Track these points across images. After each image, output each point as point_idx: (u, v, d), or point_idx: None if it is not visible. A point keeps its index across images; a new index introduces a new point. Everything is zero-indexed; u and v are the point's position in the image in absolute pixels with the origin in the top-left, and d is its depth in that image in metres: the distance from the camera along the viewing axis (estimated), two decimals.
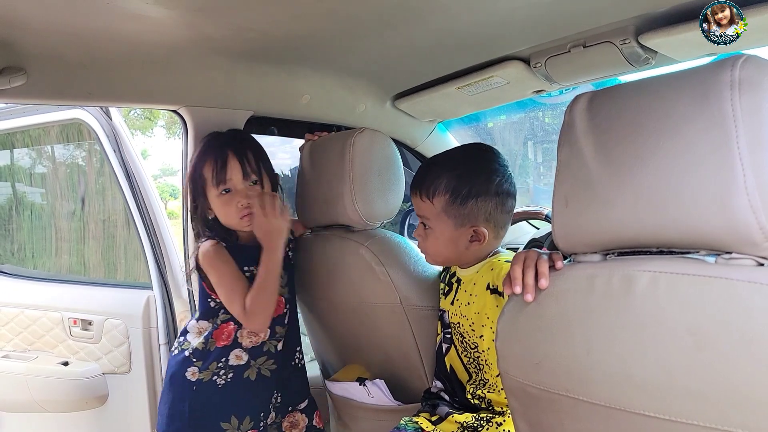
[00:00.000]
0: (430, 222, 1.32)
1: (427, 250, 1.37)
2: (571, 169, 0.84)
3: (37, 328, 2.09)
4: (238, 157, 1.46)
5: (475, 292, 1.31)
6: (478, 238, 1.29)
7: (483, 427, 1.26)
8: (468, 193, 1.27)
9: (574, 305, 0.81)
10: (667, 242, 0.76)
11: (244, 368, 1.51)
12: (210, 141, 1.53)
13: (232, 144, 1.49)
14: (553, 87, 1.71)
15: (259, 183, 1.49)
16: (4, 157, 2.65)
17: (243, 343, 1.51)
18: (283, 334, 1.56)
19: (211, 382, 1.49)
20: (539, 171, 3.18)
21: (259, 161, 1.49)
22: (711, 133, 0.70)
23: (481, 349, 1.31)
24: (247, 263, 1.49)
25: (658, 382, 0.71)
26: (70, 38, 1.32)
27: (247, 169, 1.46)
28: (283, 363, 1.57)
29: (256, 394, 1.53)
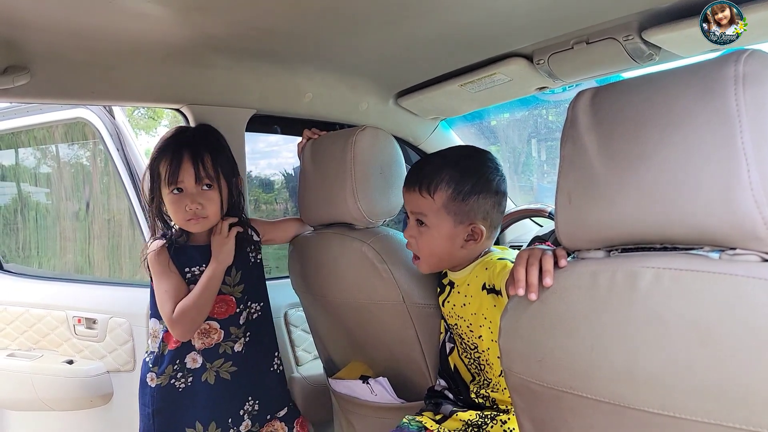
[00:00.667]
0: (428, 219, 1.29)
1: (421, 250, 1.33)
2: (574, 166, 0.84)
3: (42, 327, 2.10)
4: (193, 160, 1.41)
5: (470, 293, 1.30)
6: (475, 237, 1.28)
7: (487, 425, 1.26)
8: (470, 190, 1.27)
9: (578, 302, 0.81)
10: (671, 238, 0.76)
11: (201, 371, 1.49)
12: (171, 137, 1.49)
13: (191, 145, 1.44)
14: (556, 84, 1.71)
15: (215, 188, 1.45)
16: (9, 157, 2.66)
17: (195, 345, 1.49)
18: (240, 336, 1.53)
19: (170, 387, 1.48)
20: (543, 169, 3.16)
21: (217, 165, 1.45)
22: (715, 129, 0.69)
23: (480, 350, 1.30)
24: (190, 264, 1.48)
25: (662, 379, 0.71)
26: (73, 37, 1.33)
27: (200, 173, 1.42)
28: (252, 367, 1.54)
29: (220, 399, 1.50)
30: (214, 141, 1.51)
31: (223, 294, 1.50)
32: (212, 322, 1.50)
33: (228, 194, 1.49)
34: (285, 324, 2.04)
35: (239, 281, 1.53)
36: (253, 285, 1.57)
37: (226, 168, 1.48)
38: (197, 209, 1.42)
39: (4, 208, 2.70)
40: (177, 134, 1.49)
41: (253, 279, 1.58)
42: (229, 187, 1.49)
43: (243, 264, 1.54)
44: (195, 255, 1.49)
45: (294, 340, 2.06)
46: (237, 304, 1.52)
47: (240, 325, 1.53)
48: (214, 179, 1.44)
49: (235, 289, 1.53)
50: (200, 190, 1.43)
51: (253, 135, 2.39)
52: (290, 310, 2.05)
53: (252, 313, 1.56)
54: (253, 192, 3.93)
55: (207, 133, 1.52)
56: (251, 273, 1.57)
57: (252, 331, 1.55)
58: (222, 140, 1.55)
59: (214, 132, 1.55)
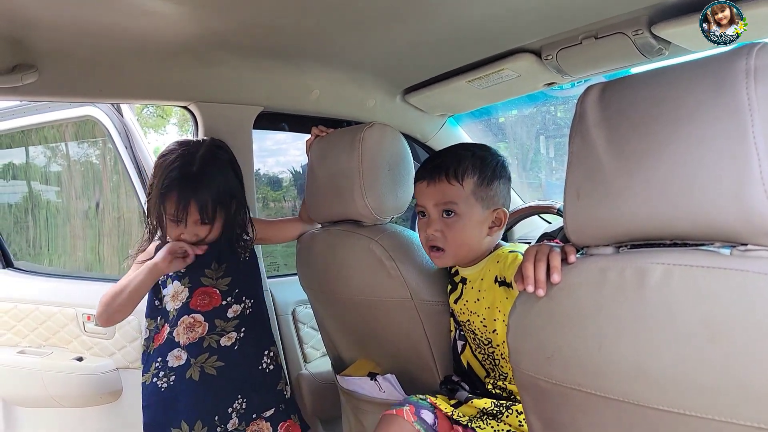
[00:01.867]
0: (458, 207, 1.29)
1: (450, 242, 1.30)
2: (582, 161, 0.83)
3: (51, 324, 2.11)
4: (199, 207, 1.43)
5: (483, 287, 1.31)
6: (499, 224, 1.31)
7: (503, 414, 1.25)
8: (492, 175, 1.30)
9: (587, 299, 0.80)
10: (681, 234, 0.75)
11: (185, 368, 1.48)
12: (178, 168, 1.44)
13: (197, 190, 1.43)
14: (564, 79, 1.70)
15: (210, 224, 1.47)
16: (20, 156, 2.68)
17: (180, 340, 1.48)
18: (230, 329, 1.52)
19: (153, 386, 1.48)
20: (551, 166, 3.15)
21: (219, 205, 1.47)
22: (726, 123, 0.68)
23: (495, 344, 1.30)
24: None
25: (672, 376, 0.70)
26: (81, 35, 1.33)
27: (204, 217, 1.45)
28: (241, 364, 1.53)
29: (205, 396, 1.48)
30: (217, 173, 1.49)
31: (205, 286, 1.51)
32: (196, 315, 1.50)
33: (226, 220, 1.51)
34: (293, 321, 2.04)
35: (224, 274, 1.53)
36: (243, 280, 1.57)
37: (227, 199, 1.50)
38: (194, 239, 1.47)
39: (15, 207, 2.72)
40: (184, 165, 1.44)
41: (244, 274, 1.57)
42: (230, 211, 1.52)
43: (229, 258, 1.54)
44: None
45: (302, 337, 2.06)
46: (222, 297, 1.52)
47: (228, 319, 1.52)
48: (213, 219, 1.47)
49: (219, 282, 1.52)
50: (199, 225, 1.47)
51: (261, 132, 2.39)
52: (298, 307, 2.06)
53: (246, 309, 1.56)
54: (261, 190, 3.94)
55: (213, 162, 1.49)
56: (241, 269, 1.57)
57: (246, 326, 1.55)
58: (226, 158, 1.53)
59: (220, 155, 1.52)
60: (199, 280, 1.51)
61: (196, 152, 1.47)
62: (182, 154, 1.46)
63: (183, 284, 1.51)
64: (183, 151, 1.47)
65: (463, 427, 1.27)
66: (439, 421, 1.28)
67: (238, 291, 1.55)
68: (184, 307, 1.50)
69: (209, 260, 1.51)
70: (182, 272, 1.51)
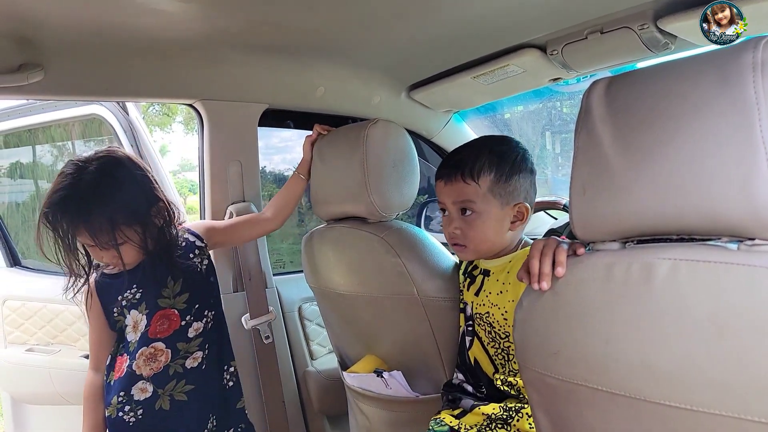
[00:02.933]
0: (476, 205, 1.29)
1: (470, 239, 1.31)
2: (588, 156, 0.83)
3: (59, 322, 2.12)
4: (90, 233, 1.29)
5: (509, 280, 1.29)
6: (520, 217, 1.30)
7: (513, 419, 1.24)
8: (511, 171, 1.29)
9: (593, 294, 0.80)
10: (688, 229, 0.75)
11: (152, 400, 1.40)
12: (61, 202, 1.28)
13: (82, 215, 1.28)
14: (570, 75, 1.69)
15: (115, 248, 1.31)
16: (27, 155, 2.69)
17: (143, 373, 1.39)
18: (194, 349, 1.44)
19: (120, 420, 1.39)
20: (557, 162, 3.14)
21: (116, 225, 1.29)
22: (732, 117, 0.68)
23: (512, 339, 1.29)
24: (122, 291, 1.41)
25: (679, 372, 0.70)
26: (87, 34, 1.33)
27: (101, 241, 1.30)
28: (206, 383, 1.46)
29: (178, 423, 1.42)
30: (110, 192, 1.31)
31: (163, 308, 1.41)
32: (157, 344, 1.41)
33: (141, 239, 1.35)
34: (299, 318, 2.05)
35: (180, 290, 1.43)
36: (201, 293, 1.47)
37: (131, 219, 1.33)
38: (115, 260, 1.35)
39: (23, 206, 2.73)
40: (67, 195, 1.29)
41: (201, 287, 1.48)
42: (144, 229, 1.35)
43: (184, 272, 1.44)
44: (125, 280, 1.41)
45: (308, 334, 2.07)
46: (181, 317, 1.42)
47: (190, 339, 1.43)
48: (114, 241, 1.30)
49: (177, 300, 1.42)
50: (107, 248, 1.32)
51: (267, 130, 2.39)
52: (304, 305, 2.06)
53: (208, 323, 1.47)
54: (267, 187, 3.94)
55: (101, 183, 1.30)
56: (197, 280, 1.47)
57: (209, 341, 1.47)
58: (122, 178, 1.34)
59: (111, 173, 1.33)
60: (155, 303, 1.40)
61: (83, 172, 1.30)
62: (69, 175, 1.30)
63: (140, 311, 1.40)
64: (71, 172, 1.31)
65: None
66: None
67: (198, 306, 1.45)
68: (143, 337, 1.40)
69: (164, 276, 1.40)
70: (137, 299, 1.40)
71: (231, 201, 1.83)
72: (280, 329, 1.98)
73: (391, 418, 1.57)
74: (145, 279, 1.40)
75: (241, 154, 1.82)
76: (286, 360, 1.98)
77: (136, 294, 1.41)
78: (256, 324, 1.87)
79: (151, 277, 1.39)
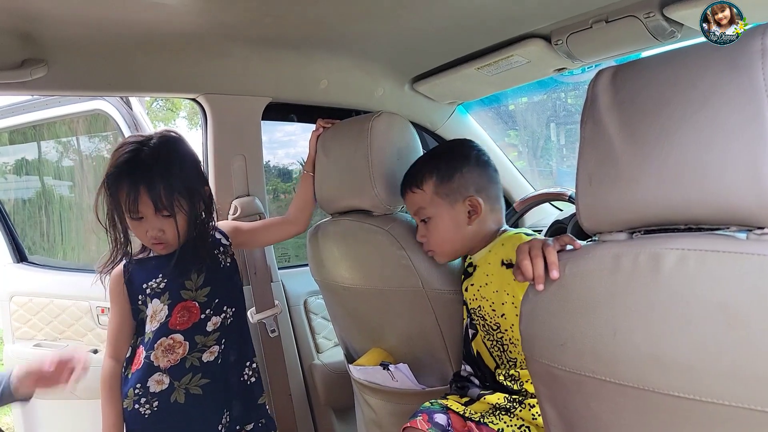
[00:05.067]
0: (427, 210, 1.36)
1: (434, 246, 1.38)
2: (594, 146, 0.82)
3: (66, 318, 2.13)
4: (150, 194, 1.32)
5: (491, 271, 1.32)
6: (476, 210, 1.33)
7: (516, 408, 1.26)
8: (451, 169, 1.34)
9: (600, 285, 0.80)
10: (696, 219, 0.74)
11: (168, 392, 1.40)
12: (126, 161, 1.35)
13: (146, 178, 1.32)
14: (575, 65, 1.68)
15: (172, 216, 1.36)
16: (32, 152, 2.70)
17: (160, 364, 1.40)
18: (211, 343, 1.45)
19: (135, 412, 1.40)
20: (562, 153, 3.13)
21: (174, 193, 1.35)
22: (741, 105, 0.67)
23: (503, 329, 1.30)
24: (148, 279, 1.42)
25: (688, 362, 0.70)
26: (90, 29, 1.33)
27: (159, 205, 1.34)
28: (222, 378, 1.47)
29: (193, 417, 1.42)
30: (170, 163, 1.37)
31: (185, 300, 1.42)
32: (175, 335, 1.41)
33: (189, 215, 1.39)
34: (305, 311, 2.05)
35: (203, 284, 1.44)
36: (223, 289, 1.48)
37: (185, 192, 1.37)
38: (160, 235, 1.37)
39: (29, 202, 2.74)
40: (132, 158, 1.35)
41: (223, 282, 1.49)
42: (192, 206, 1.40)
43: (208, 266, 1.45)
44: (153, 268, 1.44)
45: (314, 327, 2.07)
46: (201, 310, 1.43)
47: (208, 333, 1.44)
48: (172, 209, 1.35)
49: (198, 293, 1.43)
50: (160, 217, 1.36)
51: (271, 125, 2.39)
52: (310, 298, 2.06)
53: (227, 318, 1.48)
54: (271, 182, 3.94)
55: (162, 154, 1.37)
56: (219, 276, 1.48)
57: (227, 337, 1.47)
58: (181, 154, 1.42)
59: (171, 148, 1.40)
60: (178, 294, 1.41)
61: (147, 142, 1.38)
62: (132, 143, 1.38)
63: (162, 302, 1.41)
64: (133, 142, 1.38)
65: (476, 423, 1.27)
66: (453, 421, 1.29)
67: (218, 301, 1.45)
68: (162, 327, 1.40)
69: (188, 269, 1.42)
70: (161, 288, 1.41)
71: (235, 195, 1.83)
72: (285, 323, 1.98)
73: (397, 411, 1.57)
74: (170, 269, 1.41)
75: (245, 148, 1.81)
76: (292, 353, 1.99)
77: (160, 283, 1.42)
78: (261, 318, 1.87)
79: (177, 268, 1.41)
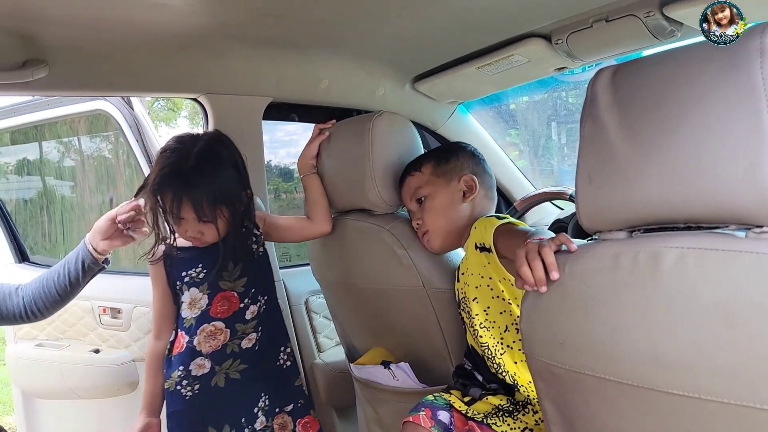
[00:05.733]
0: (423, 189, 1.40)
1: (429, 224, 1.39)
2: (594, 145, 0.82)
3: (68, 317, 2.13)
4: (193, 205, 1.36)
5: (469, 256, 1.34)
6: (471, 189, 1.38)
7: (519, 412, 1.25)
8: (447, 153, 1.44)
9: (600, 284, 0.80)
10: (695, 217, 0.74)
11: (209, 376, 1.47)
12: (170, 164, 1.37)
13: (190, 187, 1.35)
14: (575, 64, 1.68)
15: (212, 222, 1.39)
16: (34, 152, 2.70)
17: (202, 349, 1.46)
18: (249, 331, 1.50)
19: (177, 393, 1.46)
20: (563, 152, 3.12)
21: (217, 204, 1.38)
22: (739, 103, 0.67)
23: (474, 314, 1.30)
24: (187, 268, 1.47)
25: (687, 360, 0.70)
26: (91, 29, 1.34)
27: (200, 214, 1.37)
28: (260, 362, 1.52)
29: (231, 400, 1.48)
30: (214, 172, 1.39)
31: (224, 290, 1.47)
32: (217, 323, 1.47)
33: (230, 217, 1.42)
34: (306, 311, 2.05)
35: (240, 275, 1.48)
36: (258, 278, 1.52)
37: (227, 200, 1.40)
38: (199, 236, 1.42)
39: (30, 202, 2.74)
40: (176, 170, 1.36)
41: (258, 272, 1.53)
42: (234, 212, 1.43)
43: (244, 257, 1.49)
44: (193, 258, 1.47)
45: (315, 326, 2.07)
46: (240, 299, 1.48)
47: (246, 321, 1.49)
48: (213, 216, 1.38)
49: (236, 283, 1.48)
50: (201, 222, 1.39)
51: (272, 124, 2.39)
52: (311, 297, 2.06)
53: (261, 306, 1.52)
54: (272, 181, 3.94)
55: (207, 163, 1.39)
56: (254, 266, 1.52)
57: (263, 324, 1.52)
58: (226, 154, 1.44)
59: (219, 150, 1.43)
60: (217, 284, 1.46)
61: (192, 148, 1.39)
62: (178, 149, 1.40)
63: (201, 291, 1.46)
64: (179, 147, 1.40)
65: (478, 423, 1.26)
66: (455, 419, 1.29)
67: (254, 290, 1.51)
68: (204, 315, 1.46)
69: (225, 261, 1.45)
70: (200, 278, 1.46)
71: None
72: (287, 322, 1.98)
73: (398, 410, 1.57)
74: (209, 260, 1.45)
75: (246, 147, 1.80)
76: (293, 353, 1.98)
77: (199, 274, 1.47)
78: None
79: (216, 259, 1.44)
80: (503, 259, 1.25)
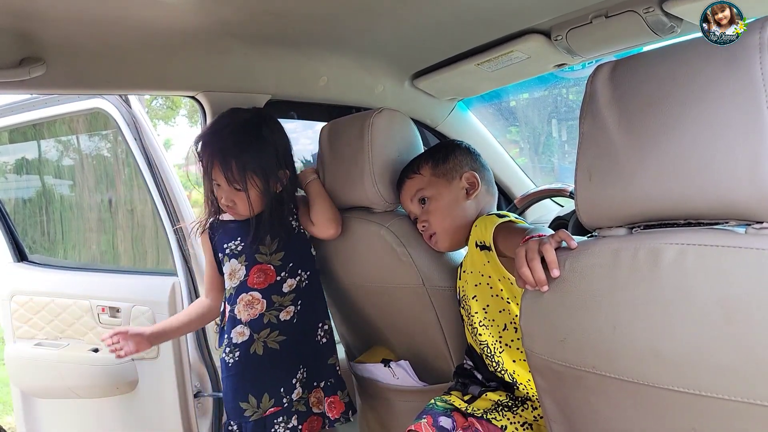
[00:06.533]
0: (425, 190, 1.40)
1: (436, 225, 1.39)
2: (594, 142, 0.82)
3: (67, 317, 2.13)
4: (222, 168, 1.47)
5: (470, 253, 1.34)
6: (473, 186, 1.38)
7: (518, 407, 1.26)
8: (444, 153, 1.43)
9: (600, 280, 0.80)
10: (695, 213, 0.74)
11: (248, 343, 1.52)
12: (212, 132, 1.52)
13: (222, 151, 1.47)
14: (575, 60, 1.68)
15: (243, 190, 1.48)
16: (32, 151, 2.69)
17: (242, 317, 1.52)
18: (287, 303, 1.54)
19: (223, 361, 1.53)
20: (564, 149, 3.12)
21: (247, 170, 1.47)
22: (739, 98, 0.67)
23: (473, 312, 1.30)
24: (227, 240, 1.56)
25: (687, 357, 0.70)
26: (88, 27, 1.33)
27: (229, 177, 1.47)
28: (298, 337, 1.55)
29: (269, 370, 1.52)
30: (249, 141, 1.49)
31: (260, 263, 1.53)
32: (254, 293, 1.53)
33: (263, 192, 1.50)
34: None
35: (277, 249, 1.54)
36: (296, 253, 1.58)
37: (259, 171, 1.48)
38: (231, 205, 1.50)
39: (29, 201, 2.74)
40: (216, 130, 1.51)
41: (296, 247, 1.58)
42: (267, 185, 1.50)
43: (281, 231, 1.54)
44: (233, 230, 1.56)
45: None
46: (277, 272, 1.54)
47: (284, 294, 1.54)
48: (242, 183, 1.47)
49: (273, 257, 1.54)
50: (233, 189, 1.48)
51: None
52: None
53: (302, 281, 1.57)
54: None
55: (245, 132, 1.50)
56: (293, 241, 1.58)
57: (302, 299, 1.56)
58: (263, 136, 1.51)
59: (256, 127, 1.52)
60: (254, 257, 1.53)
61: (237, 119, 1.51)
62: (226, 117, 1.53)
63: (240, 262, 1.53)
64: (228, 115, 1.53)
65: (478, 419, 1.26)
66: (457, 423, 1.28)
67: (292, 265, 1.56)
68: (242, 285, 1.53)
69: (262, 234, 1.52)
70: (238, 250, 1.54)
71: None
72: None
73: (399, 408, 1.57)
74: (246, 234, 1.53)
75: None
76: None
77: (238, 246, 1.54)
78: None
79: (253, 233, 1.52)
80: (503, 257, 1.25)
